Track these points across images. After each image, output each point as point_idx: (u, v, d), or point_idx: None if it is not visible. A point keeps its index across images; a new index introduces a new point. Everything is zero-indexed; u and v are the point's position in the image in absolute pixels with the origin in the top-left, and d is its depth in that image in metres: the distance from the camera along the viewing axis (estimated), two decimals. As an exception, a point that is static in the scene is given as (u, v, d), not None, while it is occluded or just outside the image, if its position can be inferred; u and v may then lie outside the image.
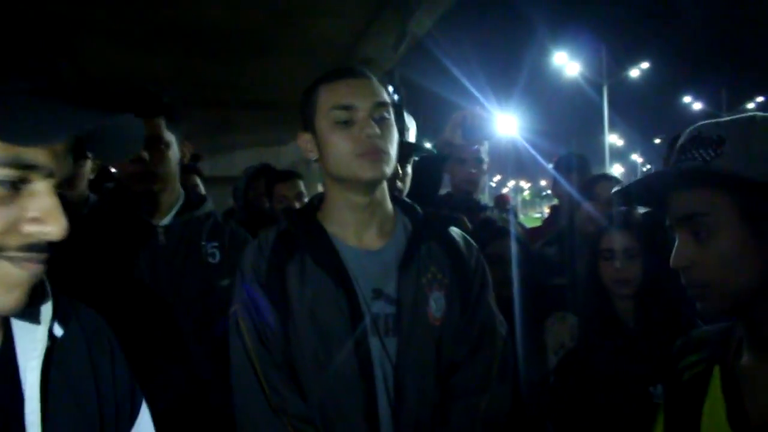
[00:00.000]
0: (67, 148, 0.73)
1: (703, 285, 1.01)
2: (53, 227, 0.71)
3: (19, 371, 0.81)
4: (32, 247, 0.71)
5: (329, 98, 1.41)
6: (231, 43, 5.03)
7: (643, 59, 28.48)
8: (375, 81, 1.45)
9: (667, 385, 1.17)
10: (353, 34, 5.11)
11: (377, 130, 1.37)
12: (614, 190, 1.20)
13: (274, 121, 6.63)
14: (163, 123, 1.79)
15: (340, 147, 1.39)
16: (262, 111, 6.62)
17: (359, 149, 1.37)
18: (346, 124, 1.39)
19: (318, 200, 1.55)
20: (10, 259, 0.69)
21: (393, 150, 1.42)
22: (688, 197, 1.02)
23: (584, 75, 25.63)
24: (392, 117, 1.43)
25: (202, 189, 3.33)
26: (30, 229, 0.70)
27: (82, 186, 2.33)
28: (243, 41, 4.99)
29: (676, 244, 1.05)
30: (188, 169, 3.42)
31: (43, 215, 0.70)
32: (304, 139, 1.48)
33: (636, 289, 1.95)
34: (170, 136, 1.82)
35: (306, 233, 1.46)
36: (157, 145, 1.78)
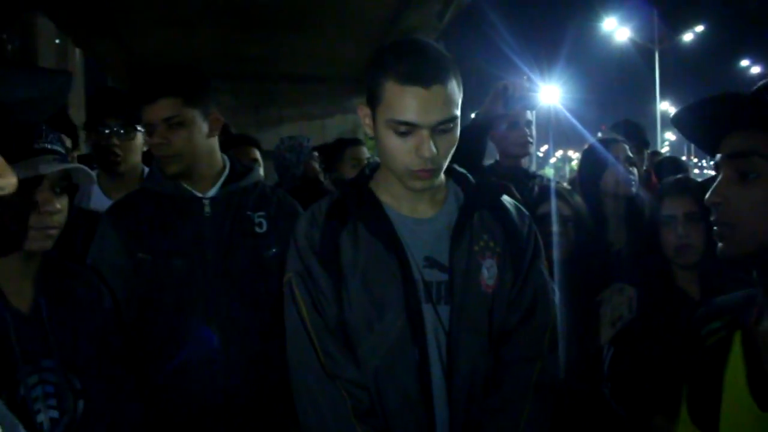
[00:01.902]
0: None
1: (731, 225, 1.01)
2: (4, 180, 0.75)
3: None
4: None
5: (393, 105, 1.33)
6: (272, 17, 5.02)
7: (697, 22, 27.43)
8: (449, 85, 1.33)
9: (690, 352, 1.16)
10: (396, 3, 5.04)
11: (434, 150, 1.33)
12: (673, 113, 1.16)
13: (319, 95, 6.63)
14: (180, 101, 1.79)
15: (395, 155, 1.37)
16: (305, 84, 6.63)
17: (413, 165, 1.36)
18: (407, 135, 1.34)
19: (371, 170, 1.56)
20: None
21: (447, 160, 1.41)
22: (746, 135, 1.00)
23: (634, 40, 24.86)
24: (457, 125, 1.38)
25: (260, 162, 3.34)
26: None
27: (134, 159, 2.37)
28: (284, 14, 4.98)
29: (717, 180, 1.03)
30: (246, 141, 3.44)
31: None
32: (364, 113, 1.45)
33: (699, 257, 1.88)
34: (191, 113, 1.80)
35: (359, 202, 1.48)
36: (178, 124, 1.78)
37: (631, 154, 2.65)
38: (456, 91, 1.36)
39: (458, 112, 1.37)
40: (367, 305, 1.41)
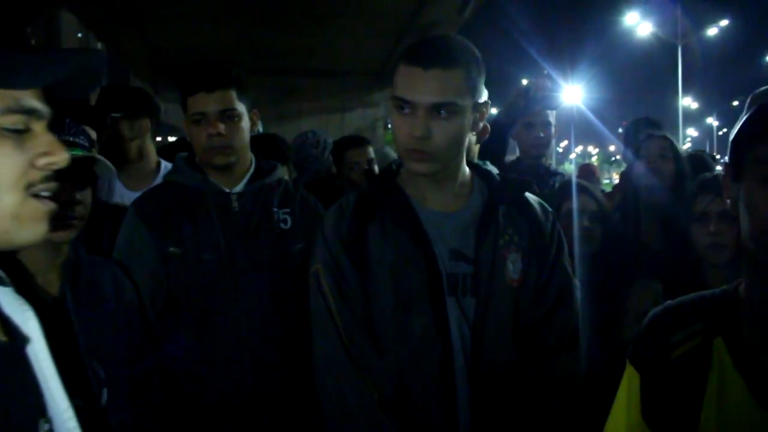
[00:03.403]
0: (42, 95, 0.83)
1: None
2: (59, 156, 0.83)
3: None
4: (48, 178, 0.83)
5: (397, 83, 1.42)
6: (294, 11, 5.03)
7: (722, 17, 27.03)
8: (452, 72, 1.38)
9: (645, 365, 1.07)
10: (417, -2, 5.04)
11: (422, 133, 1.38)
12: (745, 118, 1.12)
13: (339, 88, 6.64)
14: (234, 94, 1.82)
15: (396, 133, 1.45)
16: (326, 78, 6.64)
17: (406, 144, 1.42)
18: (406, 113, 1.41)
19: (397, 165, 1.59)
20: (35, 195, 0.81)
21: (449, 149, 1.42)
22: None
23: (657, 35, 24.57)
24: (459, 114, 1.40)
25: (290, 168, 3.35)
26: (43, 161, 0.81)
27: (144, 144, 2.42)
28: (306, 8, 4.99)
29: None
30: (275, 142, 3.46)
31: (49, 148, 0.81)
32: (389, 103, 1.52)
33: (731, 257, 1.85)
34: (242, 107, 1.84)
35: (386, 195, 1.51)
36: (231, 117, 1.81)
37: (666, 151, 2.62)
38: (462, 80, 1.39)
39: (462, 101, 1.39)
40: (392, 297, 1.44)
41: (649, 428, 1.05)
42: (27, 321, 0.90)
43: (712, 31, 26.28)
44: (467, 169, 1.55)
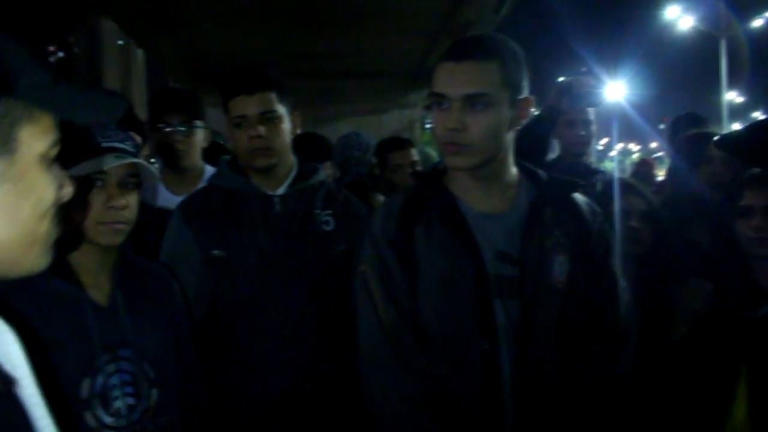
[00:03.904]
0: None
1: None
2: (70, 188, 0.84)
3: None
4: (58, 211, 0.83)
5: (433, 79, 1.44)
6: (329, 15, 5.06)
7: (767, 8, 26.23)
8: (484, 65, 1.40)
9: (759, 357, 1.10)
10: (452, -3, 5.02)
11: (457, 124, 1.39)
12: (716, 138, 1.12)
13: (375, 90, 6.66)
14: (275, 97, 1.84)
15: (435, 129, 1.47)
16: (362, 80, 6.66)
17: (442, 137, 1.43)
18: (441, 108, 1.42)
19: (443, 165, 1.58)
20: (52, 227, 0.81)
21: (485, 142, 1.42)
22: None
23: (699, 28, 24.00)
24: (494, 106, 1.40)
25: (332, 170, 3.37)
26: (62, 192, 0.82)
27: (195, 154, 2.44)
28: (341, 11, 5.02)
29: None
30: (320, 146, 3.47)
31: (63, 181, 0.83)
32: None
33: None
34: (282, 109, 1.86)
35: (433, 197, 1.51)
36: (272, 119, 1.83)
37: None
38: (496, 72, 1.40)
39: (496, 92, 1.40)
40: (439, 298, 1.44)
41: None
42: (8, 350, 0.82)
43: (757, 23, 25.54)
44: (514, 170, 1.54)
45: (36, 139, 0.76)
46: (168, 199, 2.39)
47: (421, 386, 1.40)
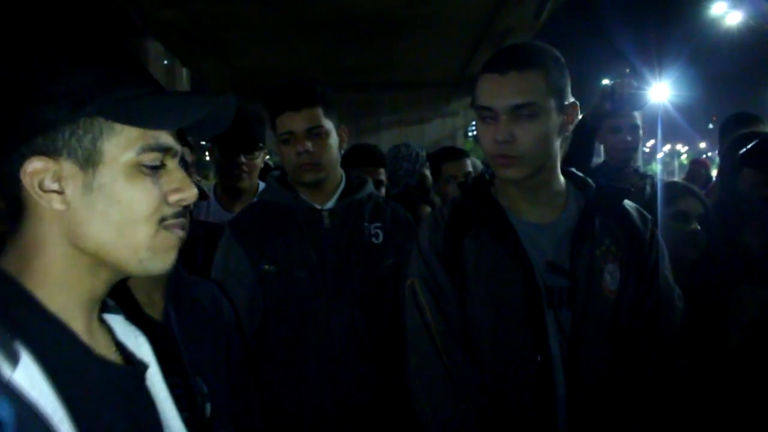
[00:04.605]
0: (178, 132, 0.89)
1: None
2: (189, 193, 0.88)
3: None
4: (179, 214, 0.88)
5: (478, 92, 1.44)
6: (368, 27, 5.10)
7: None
8: (529, 74, 1.38)
9: None
10: (491, 5, 5.00)
11: (506, 136, 1.38)
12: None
13: (416, 100, 6.68)
14: (321, 112, 1.86)
15: (483, 143, 1.45)
16: (403, 91, 6.69)
17: (492, 151, 1.42)
18: (489, 121, 1.41)
19: (490, 175, 1.58)
20: (167, 227, 0.86)
21: (535, 151, 1.40)
22: None
23: (749, 23, 23.31)
24: (541, 115, 1.39)
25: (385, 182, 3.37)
26: (175, 197, 0.86)
27: (255, 175, 2.48)
28: (380, 23, 5.05)
29: None
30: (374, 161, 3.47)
31: (180, 185, 0.87)
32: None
33: None
34: (329, 124, 1.88)
35: (481, 207, 1.50)
36: (319, 134, 1.85)
37: None
38: (541, 80, 1.38)
39: (542, 101, 1.38)
40: (489, 311, 1.43)
41: None
42: (140, 347, 0.95)
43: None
44: (562, 178, 1.52)
45: (121, 150, 0.81)
46: (220, 214, 2.43)
47: (472, 399, 1.39)
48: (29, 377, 0.72)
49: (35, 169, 0.78)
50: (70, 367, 0.78)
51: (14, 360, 0.72)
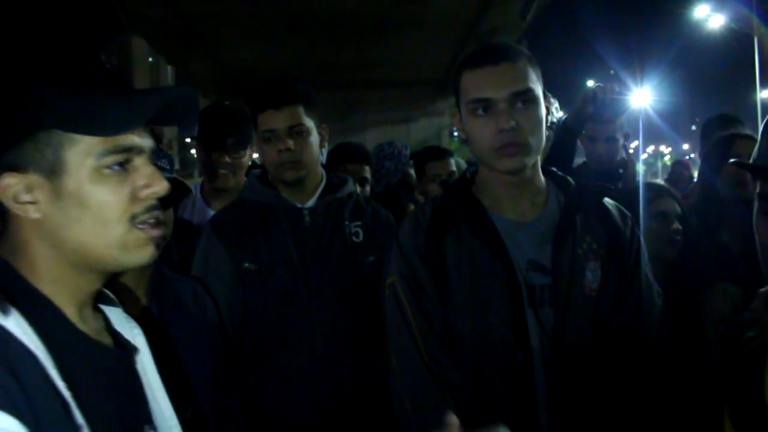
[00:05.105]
0: (145, 127, 0.90)
1: None
2: (159, 186, 0.89)
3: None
4: (151, 207, 0.89)
5: (469, 87, 1.44)
6: (354, 26, 5.09)
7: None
8: (519, 64, 1.42)
9: (729, 357, 1.17)
10: (477, 4, 5.01)
11: (513, 123, 1.38)
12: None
13: (402, 99, 6.67)
14: (302, 110, 1.86)
15: (479, 138, 1.44)
16: (389, 89, 6.68)
17: (496, 143, 1.41)
18: (486, 114, 1.41)
19: (471, 173, 1.58)
20: (140, 224, 0.88)
21: (536, 138, 1.42)
22: None
23: (731, 26, 23.56)
24: (537, 102, 1.42)
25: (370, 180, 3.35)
26: (144, 192, 0.88)
27: (242, 174, 2.47)
28: (366, 22, 5.04)
29: None
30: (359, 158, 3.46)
31: (149, 180, 0.89)
32: (456, 119, 1.53)
33: None
34: (310, 122, 1.88)
35: (462, 206, 1.50)
36: (300, 133, 1.85)
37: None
38: (530, 70, 1.42)
39: (536, 89, 1.41)
40: (471, 309, 1.43)
41: None
42: (135, 337, 0.99)
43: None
44: (542, 177, 1.53)
45: (82, 157, 0.84)
46: (204, 211, 2.43)
47: (453, 398, 1.39)
48: (19, 326, 0.77)
49: (7, 184, 0.83)
50: (56, 338, 0.81)
51: (5, 312, 0.77)
